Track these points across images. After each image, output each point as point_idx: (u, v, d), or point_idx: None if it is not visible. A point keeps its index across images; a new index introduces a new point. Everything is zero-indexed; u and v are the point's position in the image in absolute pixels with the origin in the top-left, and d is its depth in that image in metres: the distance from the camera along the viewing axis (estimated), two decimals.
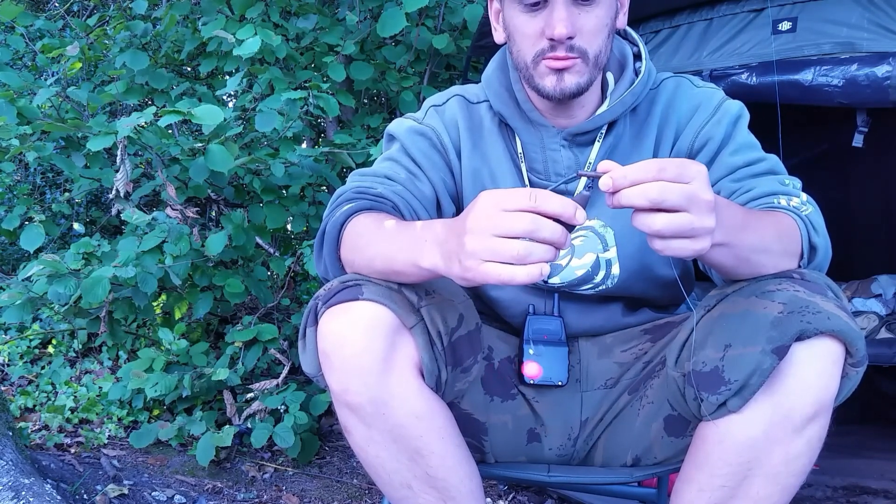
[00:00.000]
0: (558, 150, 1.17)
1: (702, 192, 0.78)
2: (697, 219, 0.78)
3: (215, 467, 2.13)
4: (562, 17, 1.04)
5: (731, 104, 1.17)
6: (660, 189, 0.77)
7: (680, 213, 0.78)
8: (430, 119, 1.24)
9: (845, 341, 0.92)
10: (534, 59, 1.09)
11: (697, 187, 0.78)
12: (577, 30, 1.06)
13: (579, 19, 1.06)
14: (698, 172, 0.79)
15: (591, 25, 1.07)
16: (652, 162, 0.78)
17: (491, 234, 0.79)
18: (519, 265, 0.78)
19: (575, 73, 1.08)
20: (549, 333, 1.20)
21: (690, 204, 0.77)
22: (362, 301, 0.97)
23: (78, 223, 3.21)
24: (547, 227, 0.78)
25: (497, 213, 0.80)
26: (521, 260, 0.78)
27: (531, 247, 0.78)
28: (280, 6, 2.49)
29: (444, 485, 1.04)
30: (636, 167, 0.79)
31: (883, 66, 1.68)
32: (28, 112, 2.03)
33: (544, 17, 1.06)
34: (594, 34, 1.08)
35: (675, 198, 0.77)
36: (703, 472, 1.00)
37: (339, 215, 1.06)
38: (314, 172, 2.30)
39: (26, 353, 2.74)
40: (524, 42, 1.09)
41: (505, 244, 0.78)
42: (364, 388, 0.97)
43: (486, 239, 0.79)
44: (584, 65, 1.08)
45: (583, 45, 1.07)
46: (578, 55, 1.07)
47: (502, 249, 0.78)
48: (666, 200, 0.77)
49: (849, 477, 2.12)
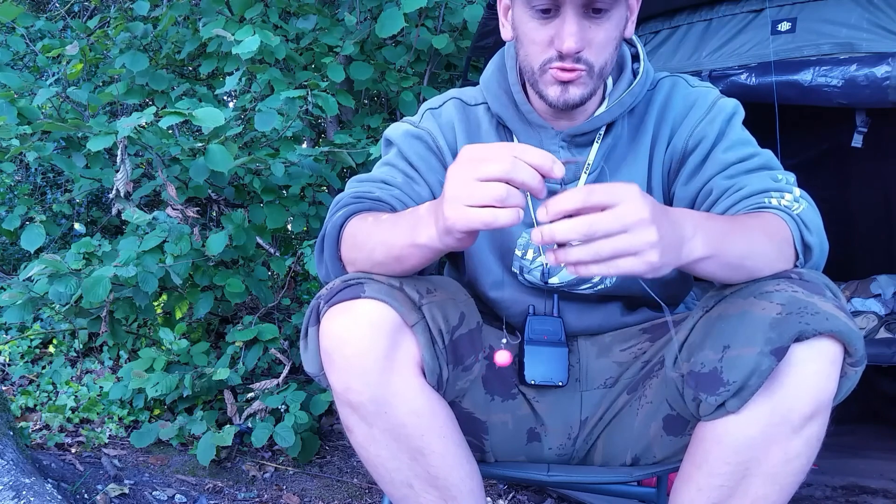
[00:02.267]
0: (557, 151, 1.18)
1: (632, 211, 0.77)
2: (635, 237, 0.77)
3: (216, 467, 2.13)
4: (573, 31, 1.03)
5: (725, 102, 1.17)
6: (589, 222, 0.76)
7: (617, 236, 0.77)
8: (426, 122, 1.24)
9: (844, 341, 0.93)
10: (541, 66, 1.09)
11: (627, 208, 0.77)
12: (586, 43, 1.05)
13: (589, 32, 1.05)
14: (626, 193, 0.78)
15: (600, 39, 1.06)
16: (579, 189, 0.78)
17: (471, 179, 0.81)
18: (500, 207, 0.80)
19: (580, 85, 1.08)
20: (549, 334, 1.21)
21: (624, 226, 0.77)
22: (364, 299, 0.97)
23: (79, 223, 3.21)
24: (524, 170, 0.80)
25: (476, 160, 0.82)
26: (502, 202, 0.80)
27: (510, 190, 0.80)
28: (279, 7, 2.49)
29: (444, 484, 1.04)
30: (563, 196, 0.78)
31: (882, 66, 1.68)
32: (28, 112, 2.03)
33: (555, 26, 1.05)
34: (602, 47, 1.07)
35: (605, 226, 0.76)
36: (701, 471, 1.00)
37: (339, 217, 1.08)
38: (314, 172, 2.31)
39: (27, 352, 2.74)
40: (532, 48, 1.09)
41: (485, 186, 0.80)
42: (365, 387, 0.98)
43: (466, 184, 0.81)
44: (589, 77, 1.08)
45: (590, 59, 1.07)
46: (585, 67, 1.07)
47: (481, 191, 0.80)
48: (598, 231, 0.76)
49: (848, 477, 2.12)
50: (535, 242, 0.80)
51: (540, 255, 1.21)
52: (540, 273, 1.22)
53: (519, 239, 1.21)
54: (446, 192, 0.84)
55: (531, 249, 1.22)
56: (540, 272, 1.22)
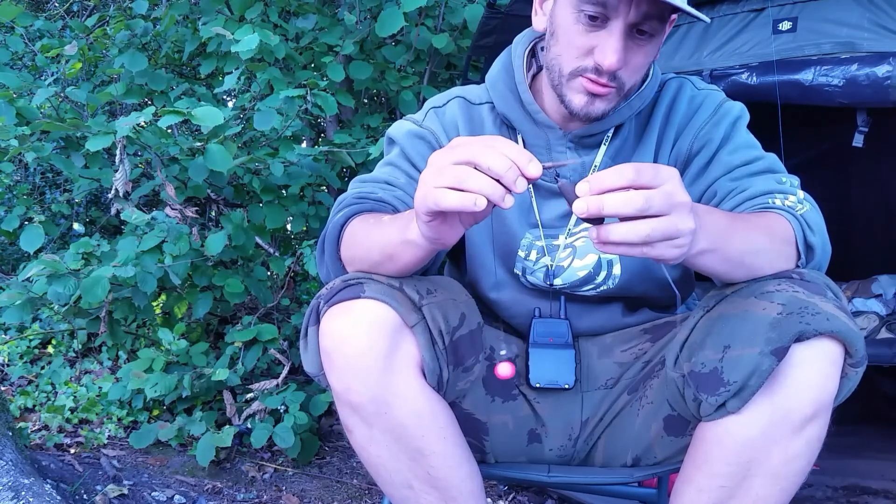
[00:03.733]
0: (564, 152, 1.17)
1: (679, 194, 0.78)
2: (680, 220, 0.77)
3: (215, 467, 2.13)
4: (617, 48, 1.01)
5: (731, 105, 1.17)
6: (646, 197, 0.76)
7: (663, 217, 0.77)
8: (430, 121, 1.23)
9: (844, 342, 0.92)
10: (572, 71, 1.06)
11: (674, 189, 0.78)
12: (625, 63, 1.03)
13: (630, 52, 1.03)
14: (672, 175, 0.78)
15: (638, 61, 1.05)
16: (627, 166, 0.77)
17: (444, 163, 0.81)
18: (455, 190, 0.79)
19: (605, 101, 1.07)
20: (556, 336, 1.20)
21: (672, 207, 0.77)
22: (364, 299, 0.97)
23: (77, 223, 3.21)
24: (491, 156, 0.78)
25: (453, 146, 0.82)
26: (460, 183, 0.79)
27: (472, 172, 0.79)
28: (279, 6, 2.49)
29: (445, 485, 1.04)
30: (611, 172, 0.78)
31: (883, 65, 1.68)
32: (27, 112, 2.03)
33: (600, 37, 1.02)
34: (638, 70, 1.06)
35: (659, 203, 0.76)
36: (702, 472, 1.00)
37: (340, 217, 1.08)
38: (314, 172, 2.30)
39: (26, 353, 2.74)
40: (569, 51, 1.05)
41: (451, 167, 0.80)
42: (365, 388, 0.97)
43: (437, 167, 0.81)
44: (617, 95, 1.07)
45: (624, 78, 1.05)
46: (616, 86, 1.05)
47: (446, 173, 0.80)
48: (652, 207, 0.76)
49: (849, 477, 2.11)
50: (579, 215, 0.78)
51: (544, 257, 1.21)
52: (543, 274, 1.21)
53: (522, 240, 1.21)
54: (421, 176, 0.84)
55: (534, 251, 1.21)
56: (543, 273, 1.21)
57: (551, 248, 1.20)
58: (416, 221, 0.90)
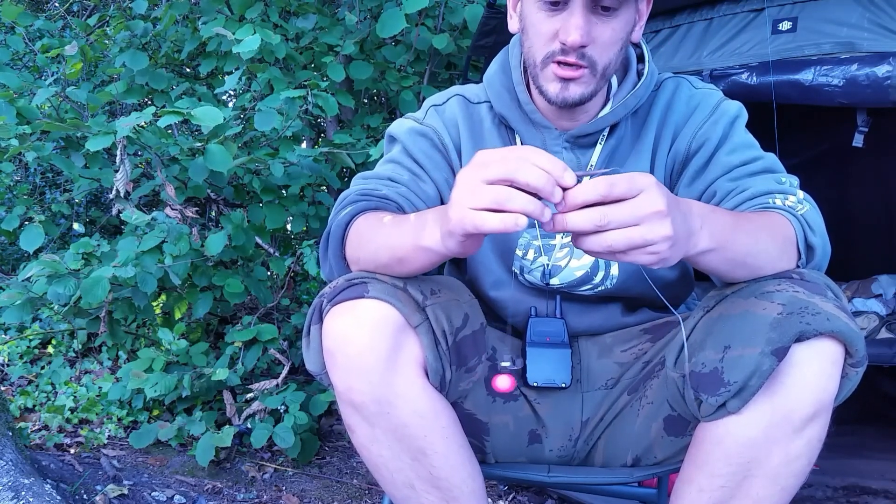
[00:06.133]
0: (560, 151, 1.17)
1: (648, 204, 0.77)
2: (649, 229, 0.77)
3: (215, 467, 2.13)
4: (578, 24, 1.02)
5: (728, 105, 1.17)
6: (601, 213, 0.76)
7: (629, 228, 0.77)
8: (431, 119, 1.23)
9: (845, 342, 0.92)
10: (543, 59, 1.08)
11: (643, 200, 0.77)
12: (591, 39, 1.04)
13: (595, 28, 1.04)
14: (646, 184, 0.78)
15: (605, 37, 1.05)
16: (601, 181, 0.77)
17: (477, 182, 0.79)
18: (495, 211, 0.77)
19: (581, 84, 1.07)
20: (552, 335, 1.20)
21: (639, 218, 0.77)
22: (368, 299, 0.97)
23: (77, 223, 3.21)
24: (528, 171, 0.77)
25: (484, 163, 0.80)
26: (500, 205, 0.77)
27: (512, 192, 0.77)
28: (279, 6, 2.49)
29: (447, 485, 1.04)
30: (585, 188, 0.78)
31: (883, 65, 1.67)
32: (27, 112, 2.03)
33: (562, 19, 1.04)
34: (607, 46, 1.06)
35: (620, 217, 0.76)
36: (702, 472, 1.00)
37: (344, 216, 1.07)
38: (314, 172, 2.30)
39: (26, 353, 2.74)
40: (537, 39, 1.08)
41: (488, 188, 0.78)
42: (368, 387, 0.97)
43: (471, 186, 0.79)
44: (591, 76, 1.07)
45: (594, 56, 1.06)
46: (587, 65, 1.06)
47: (482, 193, 0.78)
48: (611, 222, 0.76)
49: (849, 477, 2.12)
50: (548, 230, 0.79)
51: (541, 256, 1.21)
52: (540, 274, 1.21)
53: (520, 239, 1.21)
54: (452, 195, 0.83)
55: (532, 250, 1.21)
56: (540, 273, 1.21)
57: (548, 248, 1.20)
58: (434, 230, 0.89)
